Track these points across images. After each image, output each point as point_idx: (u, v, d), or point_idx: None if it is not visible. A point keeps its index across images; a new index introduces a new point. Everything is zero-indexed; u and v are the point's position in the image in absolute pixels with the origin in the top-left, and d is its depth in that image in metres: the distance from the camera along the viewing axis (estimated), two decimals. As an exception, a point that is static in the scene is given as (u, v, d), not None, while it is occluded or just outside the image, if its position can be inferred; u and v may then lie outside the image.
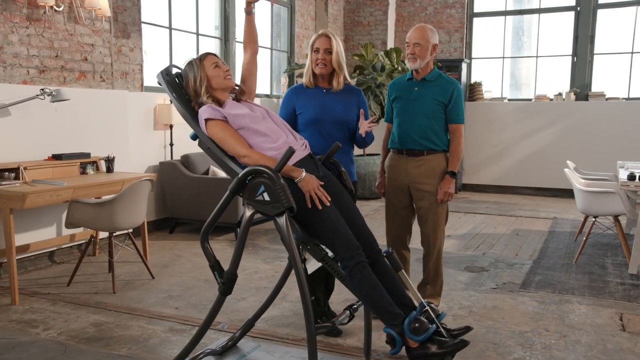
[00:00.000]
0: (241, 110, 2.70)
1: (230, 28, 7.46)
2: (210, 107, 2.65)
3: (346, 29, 10.15)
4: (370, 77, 7.96)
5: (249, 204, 2.45)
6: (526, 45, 9.87)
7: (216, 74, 2.77)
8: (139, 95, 5.94)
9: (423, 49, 3.47)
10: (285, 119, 3.37)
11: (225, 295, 2.56)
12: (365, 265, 2.43)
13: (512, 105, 9.36)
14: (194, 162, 6.17)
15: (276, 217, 2.41)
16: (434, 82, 3.53)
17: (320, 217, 2.46)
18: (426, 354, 2.35)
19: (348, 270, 2.43)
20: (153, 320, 3.66)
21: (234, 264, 2.52)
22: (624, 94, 8.84)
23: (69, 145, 5.04)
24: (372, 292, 2.42)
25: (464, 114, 3.58)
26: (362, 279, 2.41)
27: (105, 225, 4.16)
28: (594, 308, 3.89)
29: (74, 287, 4.33)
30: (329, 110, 3.35)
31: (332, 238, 2.45)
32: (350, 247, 2.43)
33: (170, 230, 6.17)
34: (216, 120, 2.62)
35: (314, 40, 3.36)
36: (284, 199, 2.35)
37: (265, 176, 2.39)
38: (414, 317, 2.39)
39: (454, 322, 3.64)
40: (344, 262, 2.43)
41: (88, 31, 5.31)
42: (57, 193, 4.06)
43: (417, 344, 2.36)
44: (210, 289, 4.28)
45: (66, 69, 5.11)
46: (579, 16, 8.99)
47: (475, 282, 4.53)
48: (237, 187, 2.44)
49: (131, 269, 4.80)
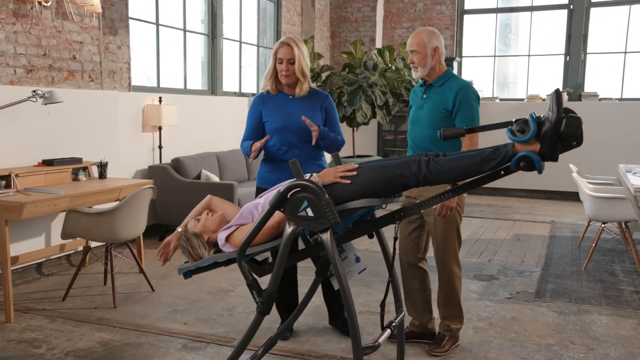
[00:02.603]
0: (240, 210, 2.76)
1: (217, 24, 7.39)
2: (221, 232, 2.69)
3: (333, 25, 10.16)
4: (363, 77, 7.97)
5: (290, 219, 2.43)
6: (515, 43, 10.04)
7: (203, 223, 2.78)
8: (127, 95, 5.84)
9: (421, 56, 3.36)
10: (253, 126, 3.50)
11: (264, 315, 2.53)
12: (432, 158, 2.39)
13: (504, 105, 9.49)
14: (185, 165, 6.10)
15: (321, 233, 2.39)
16: (439, 87, 3.40)
17: (365, 176, 2.44)
18: (551, 134, 2.23)
19: (429, 175, 2.37)
20: (163, 337, 3.61)
21: (274, 282, 2.50)
22: (617, 94, 9.05)
23: (58, 149, 4.93)
24: (461, 162, 2.36)
25: (477, 120, 3.35)
26: (443, 165, 2.36)
27: (105, 235, 4.09)
28: (614, 319, 3.98)
29: (70, 302, 4.24)
30: (293, 118, 3.42)
31: (389, 174, 2.41)
32: (408, 163, 2.41)
33: (160, 237, 6.09)
34: (233, 232, 2.64)
35: (276, 50, 3.39)
36: (330, 214, 2.34)
37: (310, 191, 2.37)
38: (510, 129, 2.31)
39: (476, 335, 3.69)
40: (417, 176, 2.38)
41: (76, 28, 5.20)
42: (55, 202, 3.96)
43: (538, 143, 2.26)
44: (216, 302, 4.24)
45: (54, 69, 5.00)
46: (572, 14, 9.17)
47: (488, 291, 4.58)
48: (279, 202, 2.42)
49: (128, 281, 4.72)
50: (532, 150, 2.27)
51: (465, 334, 3.70)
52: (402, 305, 2.92)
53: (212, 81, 7.45)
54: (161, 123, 6.06)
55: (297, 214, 2.41)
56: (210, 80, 7.45)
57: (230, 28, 7.88)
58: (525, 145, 2.29)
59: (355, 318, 2.38)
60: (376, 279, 4.77)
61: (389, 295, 2.84)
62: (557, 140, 2.25)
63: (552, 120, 2.24)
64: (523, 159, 2.27)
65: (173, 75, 6.87)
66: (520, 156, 2.28)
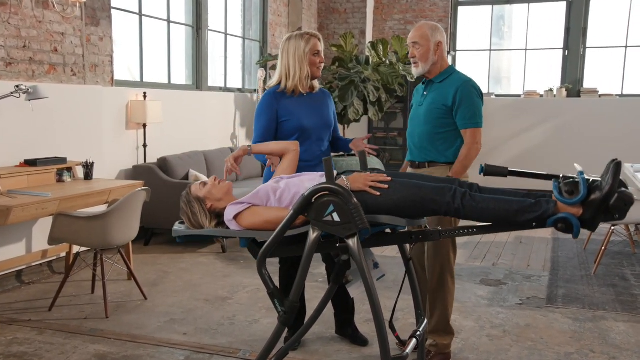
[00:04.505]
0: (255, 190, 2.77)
1: (202, 15, 7.35)
2: (230, 207, 2.67)
3: (321, 16, 10.17)
4: (355, 71, 7.99)
5: (315, 224, 2.44)
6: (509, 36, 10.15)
7: (209, 190, 2.78)
8: (110, 90, 5.78)
9: (423, 50, 3.35)
10: (267, 126, 3.47)
11: (286, 325, 2.54)
12: (469, 193, 2.44)
13: (499, 101, 9.57)
14: (172, 165, 6.06)
15: (347, 239, 2.41)
16: (440, 84, 3.40)
17: (397, 192, 2.46)
18: (598, 205, 2.27)
19: (462, 209, 2.41)
20: (163, 349, 3.59)
21: (297, 291, 2.50)
22: (617, 90, 9.20)
23: (41, 148, 4.86)
24: (498, 206, 2.40)
25: (479, 117, 3.34)
26: (479, 203, 2.40)
27: (96, 240, 4.05)
28: (633, 325, 4.05)
29: (58, 312, 4.19)
30: (321, 116, 3.52)
31: (422, 196, 2.44)
32: (444, 190, 2.44)
33: (145, 242, 6.04)
34: (243, 211, 2.63)
35: (312, 45, 3.42)
36: (359, 219, 2.35)
37: (337, 195, 2.38)
38: (557, 186, 2.36)
39: (492, 344, 3.73)
40: (450, 206, 2.41)
41: (58, 18, 5.13)
42: (43, 206, 3.92)
43: (582, 208, 2.31)
44: (215, 311, 4.22)
45: (35, 62, 4.93)
46: (571, 6, 9.30)
47: (497, 297, 4.64)
48: (303, 206, 2.43)
49: (117, 288, 4.68)
50: (574, 214, 2.32)
51: (480, 342, 3.75)
52: (423, 313, 2.95)
53: (197, 76, 7.40)
54: (146, 120, 6.00)
55: (322, 219, 2.42)
56: (195, 74, 7.40)
57: (215, 19, 7.84)
58: (569, 207, 2.33)
59: (384, 328, 2.40)
60: (395, 286, 4.72)
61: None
62: (603, 211, 2.30)
63: (604, 192, 2.29)
64: (563, 221, 2.33)
65: (156, 69, 6.82)
66: (561, 218, 2.33)
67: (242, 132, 8.24)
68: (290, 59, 3.42)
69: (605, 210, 2.29)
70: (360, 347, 3.65)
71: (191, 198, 2.78)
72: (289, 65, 3.42)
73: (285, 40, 3.46)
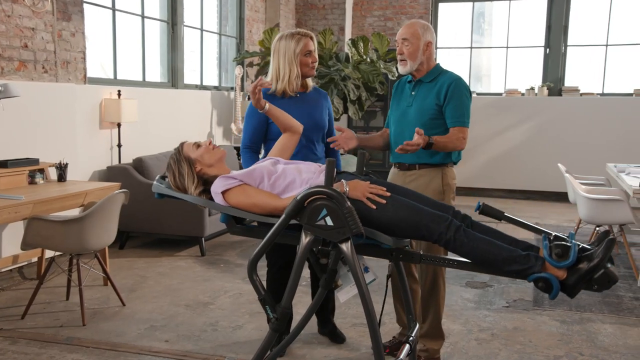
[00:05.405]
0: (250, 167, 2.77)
1: (178, 10, 7.29)
2: (221, 179, 2.66)
3: (299, 12, 10.16)
4: (335, 69, 8.01)
5: (307, 229, 2.44)
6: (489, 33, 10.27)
7: (201, 153, 2.77)
8: (83, 88, 5.71)
9: (413, 48, 3.34)
10: (256, 130, 3.48)
11: (278, 332, 2.54)
12: (464, 227, 2.47)
13: (481, 100, 9.63)
14: (148, 166, 6.01)
15: (340, 244, 2.41)
16: (429, 83, 3.39)
17: (393, 210, 2.48)
18: (583, 275, 2.34)
19: (452, 242, 2.45)
20: (144, 357, 3.56)
21: (289, 297, 2.50)
22: (598, 89, 9.35)
23: (10, 149, 4.79)
24: (489, 248, 2.44)
25: (466, 117, 3.35)
26: (470, 241, 2.44)
27: (72, 245, 4.00)
28: (619, 327, 4.13)
29: (31, 320, 4.12)
30: (311, 118, 3.50)
31: (417, 220, 2.46)
32: (440, 219, 2.47)
33: (120, 245, 5.98)
34: (233, 188, 2.63)
35: (303, 44, 3.42)
36: (353, 224, 2.36)
37: (330, 198, 2.39)
38: (548, 245, 2.40)
39: (480, 347, 3.77)
40: (442, 236, 2.45)
41: (28, 12, 5.06)
42: (16, 209, 3.86)
43: (566, 272, 2.36)
44: (196, 317, 4.20)
45: (4, 58, 4.85)
46: (552, 4, 9.42)
47: (484, 299, 4.68)
48: (295, 211, 2.42)
49: (93, 294, 4.63)
50: (558, 277, 2.38)
51: (469, 346, 3.79)
52: (414, 318, 2.97)
53: (172, 73, 7.34)
54: (121, 119, 5.94)
55: (315, 224, 2.42)
56: (171, 71, 7.34)
57: (190, 15, 7.79)
58: (555, 269, 2.39)
59: (378, 334, 2.41)
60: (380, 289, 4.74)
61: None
62: (585, 281, 2.37)
63: (592, 264, 2.35)
64: (545, 281, 2.38)
65: (130, 66, 6.75)
66: (544, 277, 2.38)
67: (219, 131, 8.21)
68: (281, 60, 3.41)
69: (588, 280, 2.36)
70: (348, 352, 3.67)
71: (181, 157, 2.76)
72: (279, 67, 3.42)
73: (277, 40, 3.46)
